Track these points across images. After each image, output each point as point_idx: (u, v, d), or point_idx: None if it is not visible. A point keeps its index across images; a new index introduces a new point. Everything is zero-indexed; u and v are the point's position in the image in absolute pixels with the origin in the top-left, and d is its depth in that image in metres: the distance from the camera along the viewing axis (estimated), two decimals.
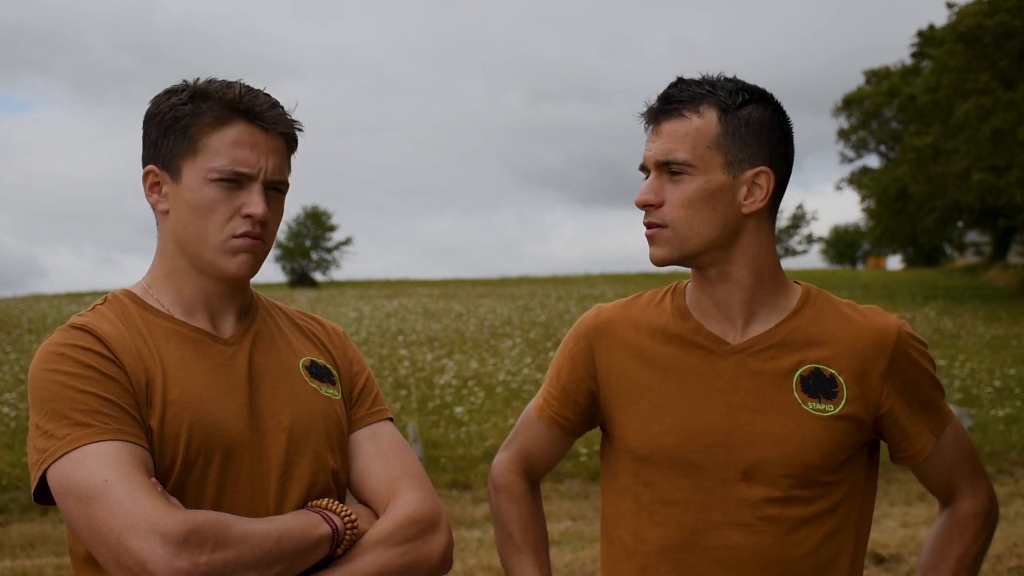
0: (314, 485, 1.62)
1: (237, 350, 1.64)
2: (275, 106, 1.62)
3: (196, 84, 1.61)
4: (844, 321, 1.74)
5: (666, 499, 1.73)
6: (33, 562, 6.41)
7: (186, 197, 1.58)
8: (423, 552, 1.60)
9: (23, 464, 9.13)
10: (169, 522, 1.38)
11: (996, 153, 25.62)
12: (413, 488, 1.65)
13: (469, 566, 5.86)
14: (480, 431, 10.82)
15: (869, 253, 63.91)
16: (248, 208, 1.58)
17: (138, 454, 1.47)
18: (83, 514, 1.41)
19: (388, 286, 39.13)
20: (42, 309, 25.16)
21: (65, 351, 1.53)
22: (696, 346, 1.75)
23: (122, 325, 1.59)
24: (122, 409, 1.49)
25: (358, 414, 1.74)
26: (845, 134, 41.70)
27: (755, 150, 1.70)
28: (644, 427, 1.75)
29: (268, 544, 1.45)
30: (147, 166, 1.63)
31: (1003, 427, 10.94)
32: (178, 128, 1.58)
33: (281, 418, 1.62)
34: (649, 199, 1.70)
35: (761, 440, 1.68)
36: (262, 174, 1.59)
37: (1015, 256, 39.55)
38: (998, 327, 20.50)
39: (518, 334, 18.61)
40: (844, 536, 1.72)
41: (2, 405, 11.81)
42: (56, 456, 1.45)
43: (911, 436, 1.74)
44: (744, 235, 1.72)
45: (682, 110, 1.69)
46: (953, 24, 26.68)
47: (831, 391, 1.70)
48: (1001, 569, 5.58)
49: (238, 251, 1.59)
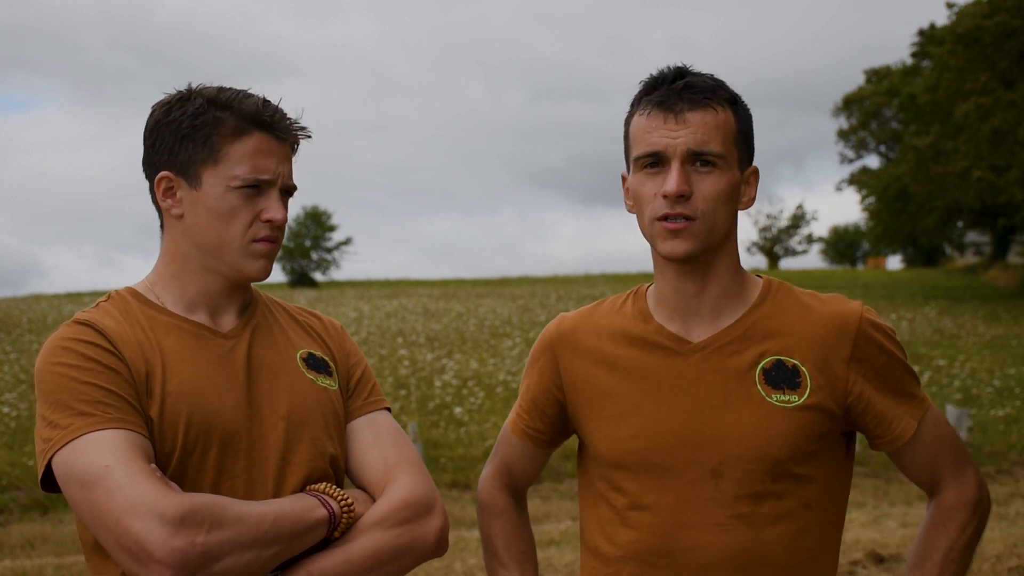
0: (313, 471, 1.67)
1: (236, 343, 1.70)
2: (286, 116, 1.71)
3: (205, 92, 1.68)
4: (804, 310, 1.73)
5: (637, 503, 1.72)
6: (33, 562, 6.41)
7: (208, 203, 1.66)
8: (418, 534, 1.65)
9: (23, 464, 9.13)
10: (166, 504, 1.43)
11: (996, 153, 25.63)
12: (409, 473, 1.70)
13: (469, 566, 5.86)
14: (480, 431, 10.82)
15: (869, 253, 63.90)
16: (268, 213, 1.67)
17: (138, 442, 1.52)
18: (85, 499, 1.47)
19: (388, 286, 39.14)
20: (42, 309, 25.17)
21: (69, 345, 1.59)
22: (658, 347, 1.74)
23: (124, 320, 1.65)
24: (123, 399, 1.55)
25: (355, 404, 1.80)
26: (845, 134, 41.72)
27: (751, 148, 1.74)
28: (611, 432, 1.74)
29: (264, 525, 1.49)
30: (161, 172, 1.68)
31: (1003, 427, 10.95)
32: (198, 137, 1.65)
33: (279, 407, 1.68)
34: (686, 189, 1.65)
35: (727, 436, 1.67)
36: (280, 180, 1.68)
37: (1015, 256, 39.55)
38: (998, 327, 20.50)
39: (518, 334, 18.62)
40: (819, 532, 1.70)
41: (2, 405, 11.80)
42: (60, 444, 1.51)
43: (886, 421, 1.71)
44: (733, 232, 1.74)
45: (708, 101, 1.67)
46: (953, 24, 26.69)
47: (794, 381, 1.68)
48: (1001, 569, 5.58)
49: (259, 255, 1.68)
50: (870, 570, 5.77)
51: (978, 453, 9.82)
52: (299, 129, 1.72)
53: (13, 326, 20.98)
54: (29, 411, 11.51)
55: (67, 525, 7.60)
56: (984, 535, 6.84)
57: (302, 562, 1.56)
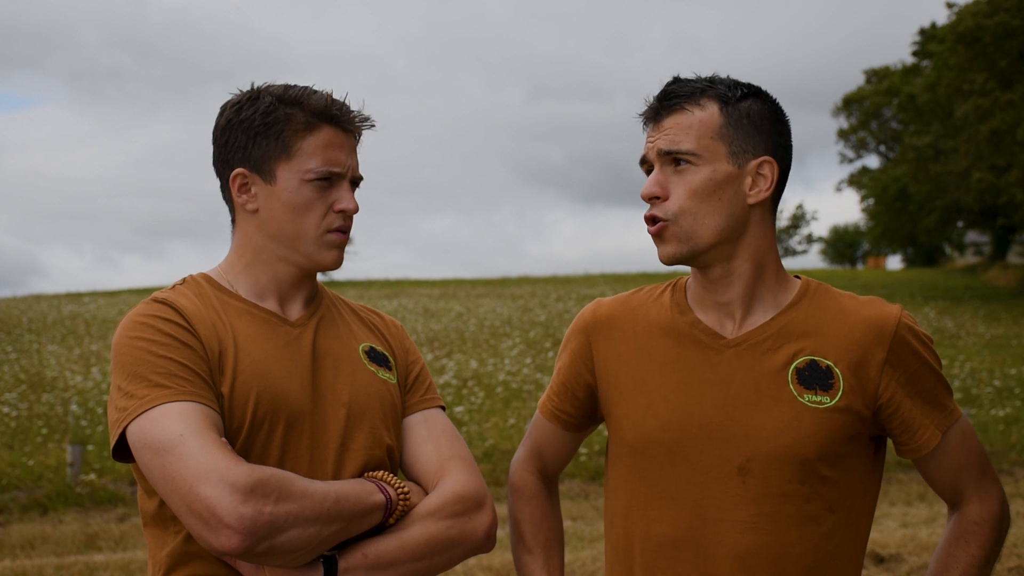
0: (370, 459, 1.73)
1: (303, 332, 1.77)
2: (351, 109, 1.77)
3: (272, 90, 1.74)
4: (842, 312, 1.72)
5: (662, 495, 1.72)
6: (33, 562, 6.41)
7: (284, 197, 1.72)
8: (469, 528, 1.70)
9: (23, 464, 9.13)
10: (238, 473, 1.48)
11: (996, 153, 25.64)
12: (461, 469, 1.76)
13: (469, 566, 5.86)
14: (480, 431, 10.82)
15: (869, 253, 63.95)
16: (341, 203, 1.74)
17: (210, 415, 1.58)
18: (159, 465, 1.52)
19: (388, 286, 39.11)
20: (42, 309, 25.17)
21: (147, 320, 1.65)
22: (692, 340, 1.74)
23: (199, 301, 1.72)
24: (196, 374, 1.62)
25: (412, 400, 1.86)
26: (845, 134, 41.74)
27: (758, 140, 1.70)
28: (639, 421, 1.74)
29: (327, 503, 1.55)
30: (235, 169, 1.74)
31: (1003, 427, 10.95)
32: (270, 133, 1.71)
33: (341, 395, 1.74)
34: (655, 191, 1.68)
35: (756, 434, 1.66)
36: (350, 172, 1.76)
37: (1015, 256, 39.57)
38: (998, 327, 20.51)
39: (518, 334, 18.62)
40: (843, 536, 1.70)
41: (2, 405, 11.79)
42: (136, 414, 1.57)
43: (913, 428, 1.70)
44: (749, 227, 1.71)
45: (683, 104, 1.69)
46: (953, 24, 26.70)
47: (827, 383, 1.68)
48: (1001, 569, 5.58)
49: (333, 245, 1.76)
50: (870, 570, 5.77)
51: (988, 458, 9.81)
52: (363, 120, 1.79)
53: (13, 326, 20.98)
54: (29, 411, 11.51)
55: (67, 525, 7.60)
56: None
57: (358, 544, 1.61)
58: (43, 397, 12.22)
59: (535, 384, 13.29)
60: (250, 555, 1.48)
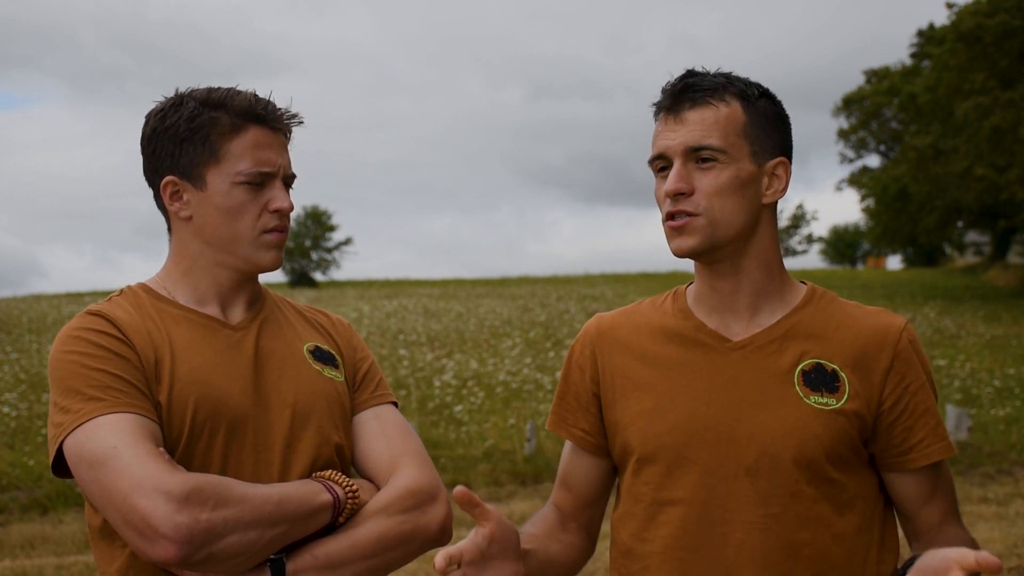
0: (318, 458, 1.71)
1: (245, 334, 1.75)
2: (277, 107, 1.74)
3: (195, 94, 1.71)
4: (847, 318, 1.73)
5: (669, 498, 1.71)
6: (33, 562, 6.41)
7: (216, 202, 1.70)
8: (422, 522, 1.68)
9: (23, 464, 9.13)
10: (172, 482, 1.47)
11: (996, 152, 25.62)
12: (413, 463, 1.74)
13: None
14: (480, 431, 10.81)
15: (869, 253, 63.95)
16: (275, 203, 1.71)
17: (146, 425, 1.56)
18: (94, 479, 1.51)
19: (388, 286, 39.14)
20: (42, 309, 25.17)
21: (80, 334, 1.64)
22: (698, 344, 1.74)
23: (135, 311, 1.70)
24: (132, 385, 1.60)
25: (361, 397, 1.83)
26: (845, 134, 41.71)
27: (775, 140, 1.71)
28: (646, 427, 1.73)
29: (268, 506, 1.53)
30: (165, 177, 1.71)
31: (1003, 427, 10.94)
32: (197, 139, 1.68)
33: (286, 396, 1.72)
34: (681, 187, 1.66)
35: (763, 434, 1.66)
36: (281, 171, 1.73)
37: (1015, 256, 39.56)
38: (998, 327, 20.50)
39: (518, 334, 18.62)
40: (858, 540, 1.69)
41: (2, 405, 11.79)
42: (71, 428, 1.55)
43: (910, 441, 1.69)
44: (760, 226, 1.72)
45: (707, 98, 1.68)
46: (953, 24, 26.69)
47: (833, 385, 1.68)
48: None
49: (270, 246, 1.73)
50: None
51: (978, 453, 9.81)
52: (291, 117, 1.76)
53: (13, 326, 20.98)
54: (29, 411, 11.51)
55: (67, 525, 7.60)
56: (984, 535, 6.83)
57: (307, 546, 1.59)
58: (43, 397, 12.22)
59: (535, 384, 13.29)
60: (189, 564, 1.46)
